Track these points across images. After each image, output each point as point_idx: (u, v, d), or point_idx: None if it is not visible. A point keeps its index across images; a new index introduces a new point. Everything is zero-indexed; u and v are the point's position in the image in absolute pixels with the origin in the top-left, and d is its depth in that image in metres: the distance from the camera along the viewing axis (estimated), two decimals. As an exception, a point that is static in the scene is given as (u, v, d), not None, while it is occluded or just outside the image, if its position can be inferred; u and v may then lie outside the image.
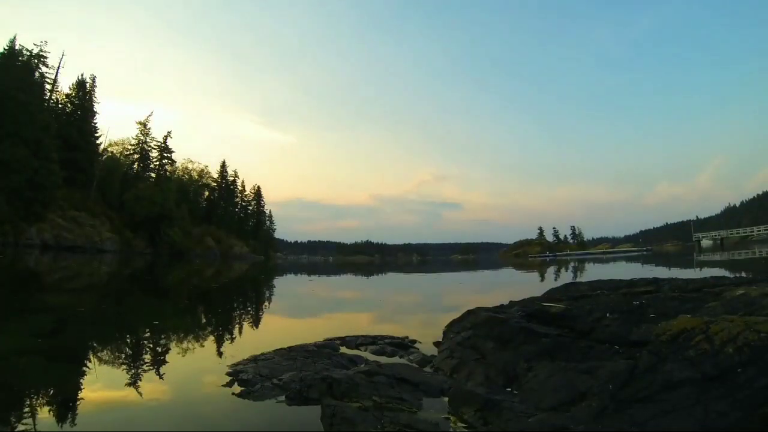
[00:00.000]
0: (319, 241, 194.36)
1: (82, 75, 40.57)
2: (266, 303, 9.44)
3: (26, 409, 2.37)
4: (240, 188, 66.72)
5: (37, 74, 34.53)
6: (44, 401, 2.53)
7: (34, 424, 2.15)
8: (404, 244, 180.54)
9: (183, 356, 3.72)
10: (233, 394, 2.60)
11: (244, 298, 10.19)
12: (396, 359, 3.76)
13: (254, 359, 3.23)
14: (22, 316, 5.09)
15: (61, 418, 2.26)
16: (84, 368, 3.25)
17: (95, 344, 4.21)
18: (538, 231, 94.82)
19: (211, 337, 4.76)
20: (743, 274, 5.52)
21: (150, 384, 2.91)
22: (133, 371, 3.19)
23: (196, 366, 3.33)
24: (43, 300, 6.86)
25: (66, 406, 2.46)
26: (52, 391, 2.71)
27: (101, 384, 2.84)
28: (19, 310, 5.43)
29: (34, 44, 34.60)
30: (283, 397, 2.52)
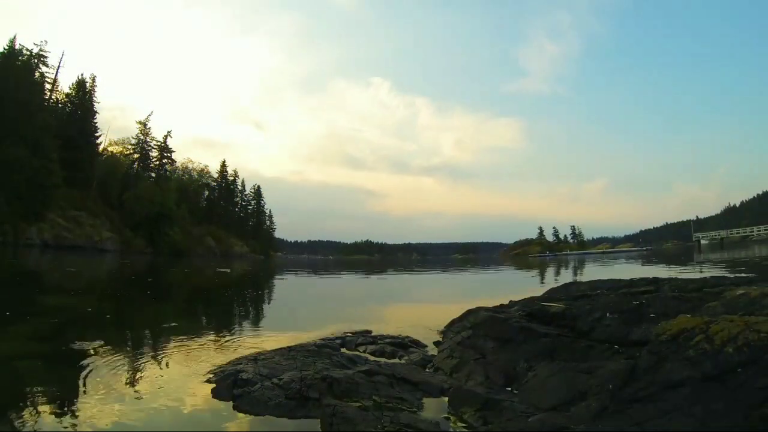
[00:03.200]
0: (319, 240, 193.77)
1: (82, 75, 40.57)
2: (266, 303, 9.45)
3: (26, 410, 2.38)
4: (240, 188, 66.79)
5: (37, 74, 34.49)
6: (44, 404, 2.53)
7: (34, 426, 2.15)
8: (404, 243, 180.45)
9: (183, 356, 3.72)
10: (233, 393, 2.60)
11: (244, 298, 10.19)
12: (396, 359, 3.76)
13: (254, 358, 3.23)
14: (22, 318, 5.09)
15: (60, 420, 2.26)
16: (83, 371, 3.24)
17: (95, 347, 4.20)
18: (538, 231, 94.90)
19: (212, 337, 4.76)
20: (743, 274, 5.52)
21: (149, 385, 2.91)
22: (132, 372, 3.19)
23: (196, 366, 3.33)
24: (43, 301, 6.86)
25: (65, 408, 2.46)
26: (52, 395, 2.71)
27: (101, 386, 2.84)
28: (19, 312, 5.43)
29: (34, 44, 34.63)
30: (283, 398, 2.52)
